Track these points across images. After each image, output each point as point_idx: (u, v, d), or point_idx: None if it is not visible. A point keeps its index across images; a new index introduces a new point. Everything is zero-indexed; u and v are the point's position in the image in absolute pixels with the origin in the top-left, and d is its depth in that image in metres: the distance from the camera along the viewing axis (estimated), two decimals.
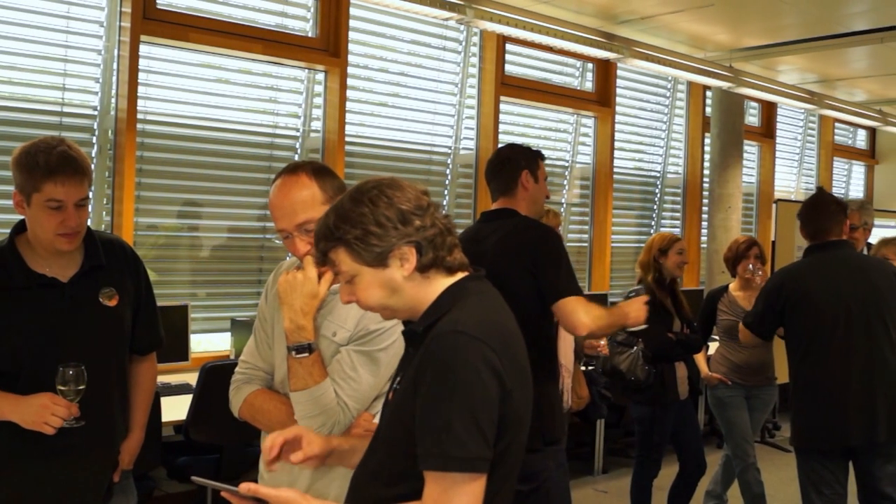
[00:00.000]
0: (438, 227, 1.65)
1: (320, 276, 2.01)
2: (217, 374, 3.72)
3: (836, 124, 10.33)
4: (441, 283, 1.66)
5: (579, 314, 2.92)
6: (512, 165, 3.23)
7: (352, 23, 5.55)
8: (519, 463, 1.66)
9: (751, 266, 4.84)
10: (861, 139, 11.29)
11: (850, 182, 11.16)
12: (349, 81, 5.54)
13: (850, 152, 10.98)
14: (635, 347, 4.46)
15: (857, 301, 3.64)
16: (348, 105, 5.56)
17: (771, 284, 3.92)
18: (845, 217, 3.84)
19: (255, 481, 2.11)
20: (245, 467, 4.02)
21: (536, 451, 2.95)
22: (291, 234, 2.06)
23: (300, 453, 1.76)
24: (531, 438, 2.94)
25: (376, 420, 1.99)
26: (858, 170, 11.31)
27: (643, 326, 3.11)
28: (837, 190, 10.76)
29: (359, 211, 1.60)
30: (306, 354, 1.98)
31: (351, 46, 5.56)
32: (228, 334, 4.96)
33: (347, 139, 5.56)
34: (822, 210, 3.82)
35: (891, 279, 3.73)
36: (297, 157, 5.44)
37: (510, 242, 3.07)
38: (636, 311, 3.04)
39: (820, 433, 3.67)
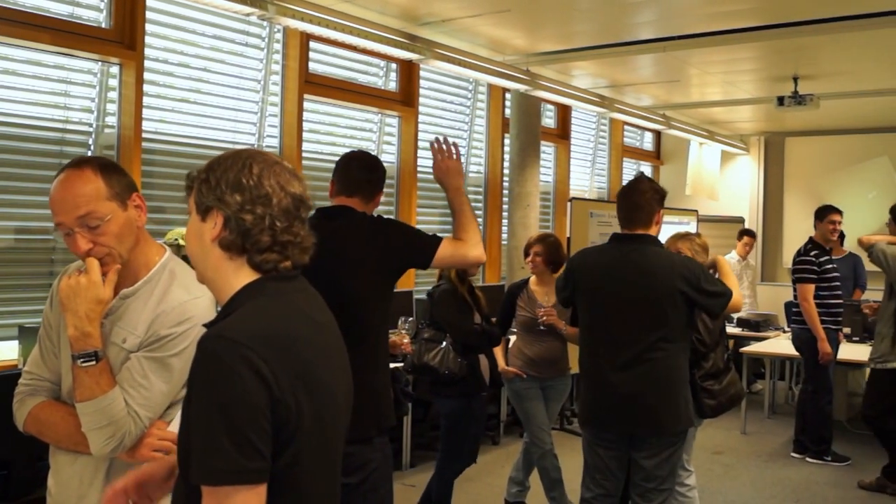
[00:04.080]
0: (264, 224, 1.58)
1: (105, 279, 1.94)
2: (3, 385, 3.49)
3: (626, 127, 10.96)
4: (244, 277, 1.60)
5: (461, 249, 3.00)
6: (381, 178, 3.26)
7: (149, 14, 5.36)
8: (318, 472, 1.56)
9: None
10: (648, 141, 12.03)
11: None
12: (147, 76, 5.36)
13: (638, 153, 11.69)
14: (444, 343, 4.57)
15: (633, 300, 3.64)
16: (146, 100, 5.37)
17: (567, 265, 4.02)
18: (659, 207, 3.77)
19: (45, 498, 2.04)
20: (35, 484, 3.80)
21: (368, 440, 2.97)
22: (72, 229, 1.95)
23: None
24: (367, 427, 2.99)
25: (170, 428, 1.95)
26: (646, 170, 12.02)
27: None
28: None
29: (218, 161, 1.63)
30: (93, 363, 1.90)
31: (148, 39, 5.37)
32: (16, 342, 4.67)
33: (145, 135, 5.37)
34: (637, 196, 3.76)
35: (675, 284, 3.60)
36: (90, 154, 5.20)
37: (361, 237, 3.03)
38: (450, 167, 3.12)
39: (593, 417, 3.82)
